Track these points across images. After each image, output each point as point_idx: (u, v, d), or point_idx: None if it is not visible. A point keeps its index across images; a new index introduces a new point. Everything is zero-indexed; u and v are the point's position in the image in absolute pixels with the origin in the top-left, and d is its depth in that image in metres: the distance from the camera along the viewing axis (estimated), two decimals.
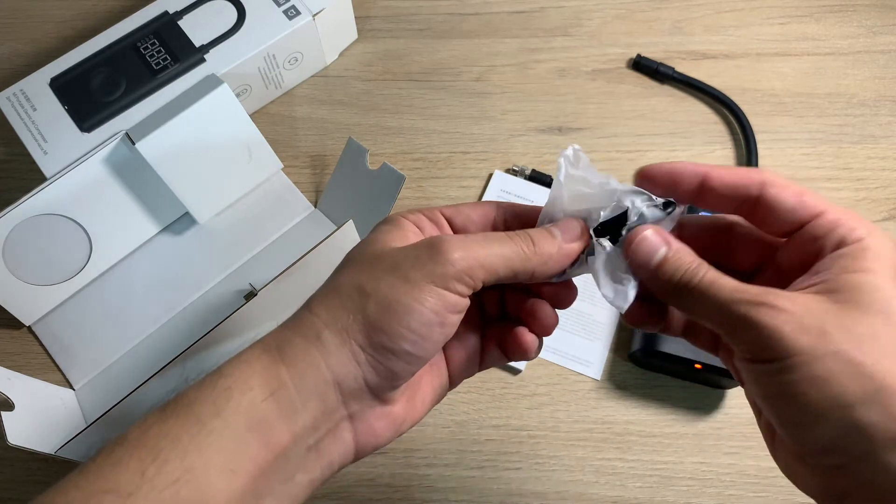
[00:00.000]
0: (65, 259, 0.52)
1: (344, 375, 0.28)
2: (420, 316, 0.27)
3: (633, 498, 0.47)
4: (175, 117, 0.50)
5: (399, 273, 0.28)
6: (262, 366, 0.28)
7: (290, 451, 0.27)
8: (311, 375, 0.27)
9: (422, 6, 0.64)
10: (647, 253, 0.28)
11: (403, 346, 0.27)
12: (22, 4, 0.65)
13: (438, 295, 0.27)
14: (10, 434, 0.41)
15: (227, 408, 0.26)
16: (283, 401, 0.27)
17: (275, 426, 0.27)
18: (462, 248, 0.28)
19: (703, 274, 0.27)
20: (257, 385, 0.27)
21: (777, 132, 0.57)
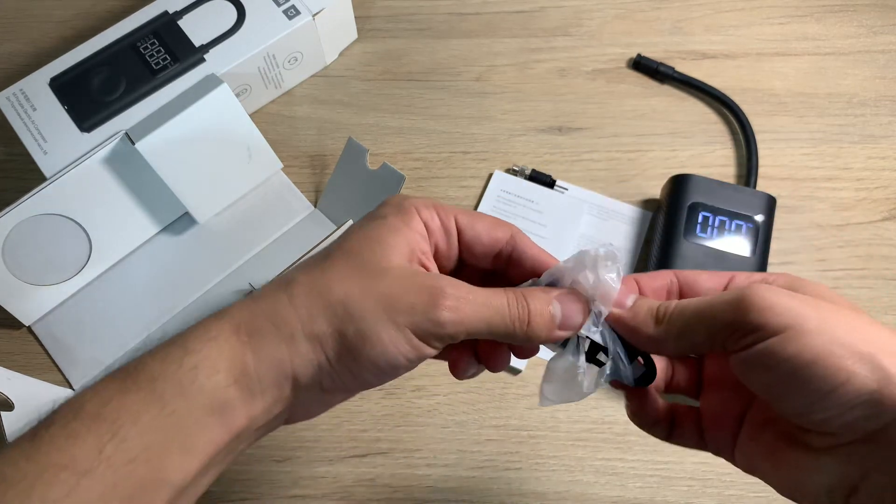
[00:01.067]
0: (65, 259, 0.52)
1: (303, 375, 0.28)
2: (391, 359, 0.28)
3: (633, 498, 0.47)
4: (175, 117, 0.50)
5: (388, 309, 0.27)
6: (230, 347, 0.28)
7: (243, 433, 0.28)
8: (274, 368, 0.28)
9: (422, 6, 0.64)
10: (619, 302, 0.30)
11: (365, 375, 0.28)
12: (22, 4, 0.65)
13: (415, 345, 0.28)
14: (10, 434, 0.41)
15: (192, 389, 0.26)
16: (244, 388, 0.27)
17: (235, 410, 0.27)
18: (455, 310, 0.27)
19: (674, 302, 0.29)
20: (224, 369, 0.27)
21: (777, 132, 0.57)
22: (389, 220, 0.30)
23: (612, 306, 0.29)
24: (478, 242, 0.31)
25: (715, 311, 0.27)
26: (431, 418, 0.49)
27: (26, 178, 0.56)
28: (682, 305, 0.28)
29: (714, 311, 0.27)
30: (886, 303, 0.52)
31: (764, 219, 0.50)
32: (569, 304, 0.29)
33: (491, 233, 0.31)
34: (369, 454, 0.48)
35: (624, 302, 0.29)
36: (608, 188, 0.56)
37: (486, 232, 0.31)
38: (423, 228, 0.30)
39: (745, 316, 0.25)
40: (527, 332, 0.29)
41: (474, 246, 0.31)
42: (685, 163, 0.57)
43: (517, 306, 0.29)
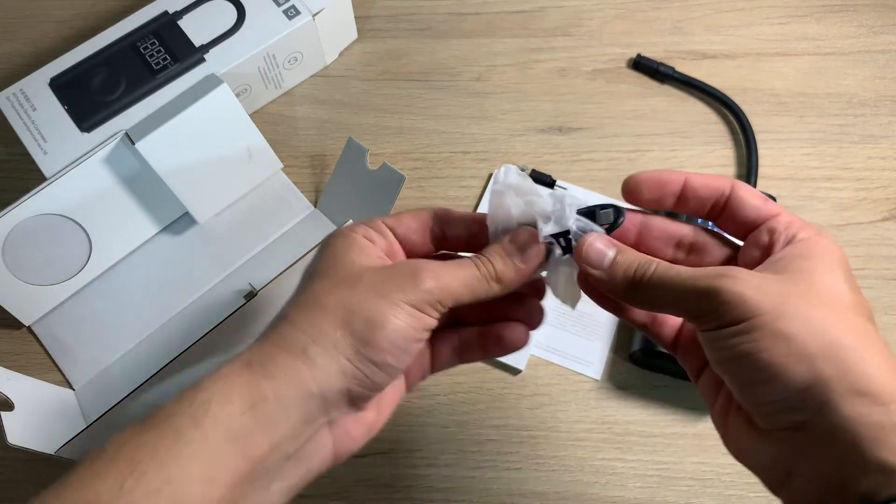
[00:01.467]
0: (65, 259, 0.52)
1: (329, 388, 0.29)
2: (402, 332, 0.29)
3: (633, 498, 0.47)
4: (175, 117, 0.50)
5: (382, 293, 0.30)
6: (243, 380, 0.28)
7: (268, 461, 0.28)
8: (294, 388, 0.28)
9: (422, 6, 0.64)
10: (598, 257, 0.31)
11: (387, 359, 0.29)
12: (22, 4, 0.65)
13: (416, 316, 0.30)
14: (10, 434, 0.41)
15: (206, 420, 0.27)
16: (262, 413, 0.28)
17: (253, 437, 0.27)
18: (436, 278, 0.30)
19: (655, 265, 0.29)
20: (237, 398, 0.28)
21: (777, 132, 0.57)
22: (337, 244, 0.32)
23: (588, 265, 0.31)
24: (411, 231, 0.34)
25: (687, 293, 0.28)
26: (431, 418, 0.49)
27: (26, 178, 0.56)
28: (658, 276, 0.29)
29: (686, 294, 0.28)
30: (886, 303, 0.52)
31: None
32: (521, 242, 0.32)
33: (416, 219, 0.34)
34: (369, 454, 0.48)
35: (601, 261, 0.31)
36: (608, 188, 0.56)
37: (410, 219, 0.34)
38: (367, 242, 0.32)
39: (709, 305, 0.27)
40: (500, 284, 0.31)
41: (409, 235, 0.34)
42: (685, 163, 0.57)
43: (483, 266, 0.31)
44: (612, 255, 0.30)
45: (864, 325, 0.27)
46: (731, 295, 0.26)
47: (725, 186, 0.31)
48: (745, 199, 0.31)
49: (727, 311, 0.26)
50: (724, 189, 0.31)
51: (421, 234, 0.34)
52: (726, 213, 0.31)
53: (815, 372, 0.25)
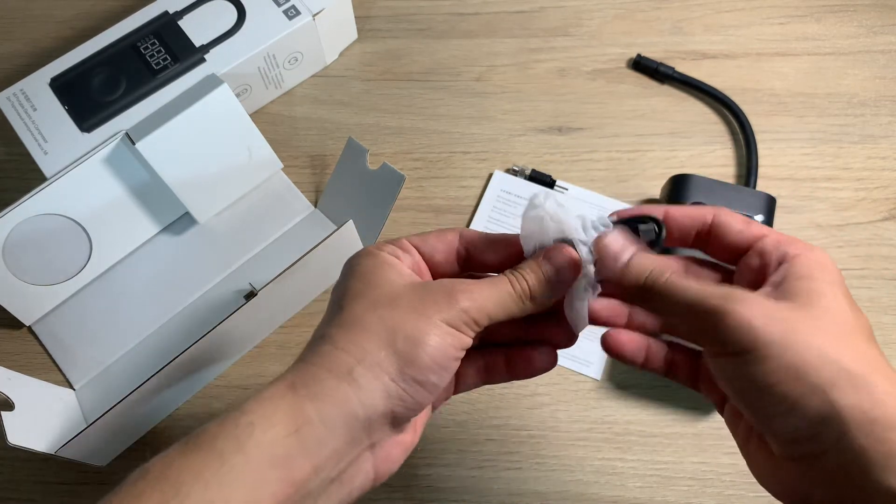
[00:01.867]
0: (65, 259, 0.52)
1: (374, 409, 0.29)
2: (443, 350, 0.29)
3: (633, 498, 0.47)
4: (175, 117, 0.50)
5: (421, 312, 0.30)
6: (287, 403, 0.28)
7: (311, 484, 0.28)
8: (340, 411, 0.28)
9: (422, 6, 0.64)
10: (614, 254, 0.31)
11: (431, 377, 0.29)
12: (22, 4, 0.65)
13: (454, 335, 0.30)
14: (10, 434, 0.41)
15: (249, 443, 0.27)
16: (307, 436, 0.28)
17: (297, 461, 0.27)
18: (472, 298, 0.30)
19: (669, 273, 0.29)
20: (280, 422, 0.27)
21: (777, 132, 0.57)
22: (367, 263, 0.32)
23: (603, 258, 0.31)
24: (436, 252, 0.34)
25: (694, 310, 0.28)
26: (431, 418, 0.49)
27: (27, 178, 0.56)
28: (669, 287, 0.29)
29: (693, 311, 0.28)
30: (886, 303, 0.52)
31: (764, 219, 0.50)
32: (556, 259, 0.32)
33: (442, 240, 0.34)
34: None
35: (617, 261, 0.31)
36: (608, 188, 0.56)
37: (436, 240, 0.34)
38: (395, 260, 0.32)
39: (715, 329, 0.27)
40: (533, 302, 0.32)
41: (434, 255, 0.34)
42: (685, 163, 0.57)
43: (517, 282, 0.32)
44: (628, 256, 0.31)
45: (868, 349, 0.27)
46: (740, 320, 0.26)
47: (707, 214, 0.31)
48: (728, 225, 0.31)
49: (734, 337, 0.26)
50: (706, 217, 0.31)
51: (446, 255, 0.34)
52: (712, 241, 0.32)
53: (829, 404, 0.25)
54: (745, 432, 0.30)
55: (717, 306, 0.27)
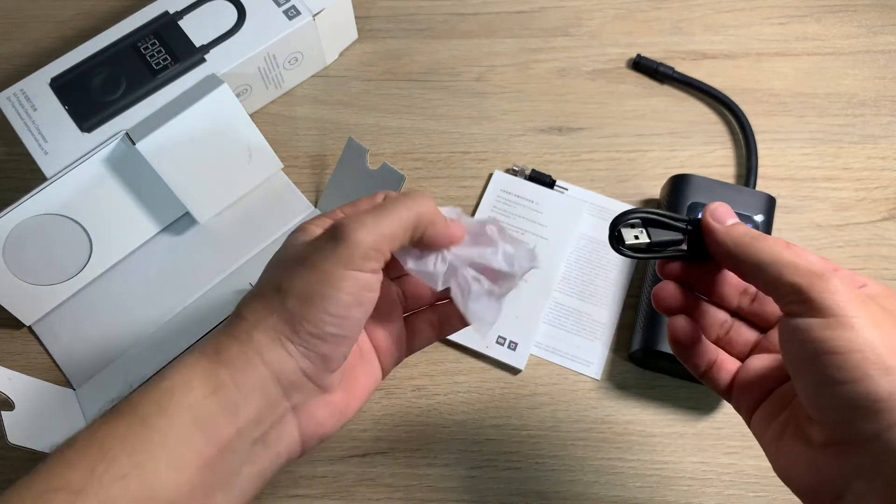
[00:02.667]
0: (65, 259, 0.52)
1: (281, 369, 0.29)
2: (337, 300, 0.29)
3: (633, 498, 0.47)
4: (175, 117, 0.50)
5: (308, 264, 0.30)
6: (202, 368, 0.29)
7: (235, 445, 0.29)
8: (249, 372, 0.29)
9: (422, 6, 0.64)
10: (723, 215, 0.33)
11: (327, 329, 0.29)
12: (22, 4, 0.65)
13: (351, 278, 0.29)
14: (10, 434, 0.41)
15: (171, 406, 0.28)
16: (224, 398, 0.28)
17: (218, 421, 0.28)
18: (362, 227, 0.29)
19: (773, 238, 0.31)
20: (198, 385, 0.28)
21: (777, 132, 0.57)
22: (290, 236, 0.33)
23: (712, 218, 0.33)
24: None
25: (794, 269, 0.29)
26: (431, 418, 0.49)
27: (27, 178, 0.56)
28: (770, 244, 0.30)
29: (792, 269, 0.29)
30: None
31: (764, 219, 0.50)
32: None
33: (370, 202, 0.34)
34: (369, 454, 0.48)
35: (725, 219, 0.32)
36: (608, 188, 0.56)
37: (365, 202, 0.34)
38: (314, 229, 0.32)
39: (810, 288, 0.28)
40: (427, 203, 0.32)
41: None
42: (685, 163, 0.57)
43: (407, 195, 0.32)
44: (735, 221, 0.32)
45: None
46: (837, 287, 0.27)
47: None
48: None
49: (827, 300, 0.27)
50: None
51: None
52: None
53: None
54: (777, 428, 0.31)
55: (819, 269, 0.28)
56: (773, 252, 0.30)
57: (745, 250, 0.31)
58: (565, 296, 0.52)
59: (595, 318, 0.52)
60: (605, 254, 0.54)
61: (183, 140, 0.51)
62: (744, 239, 0.31)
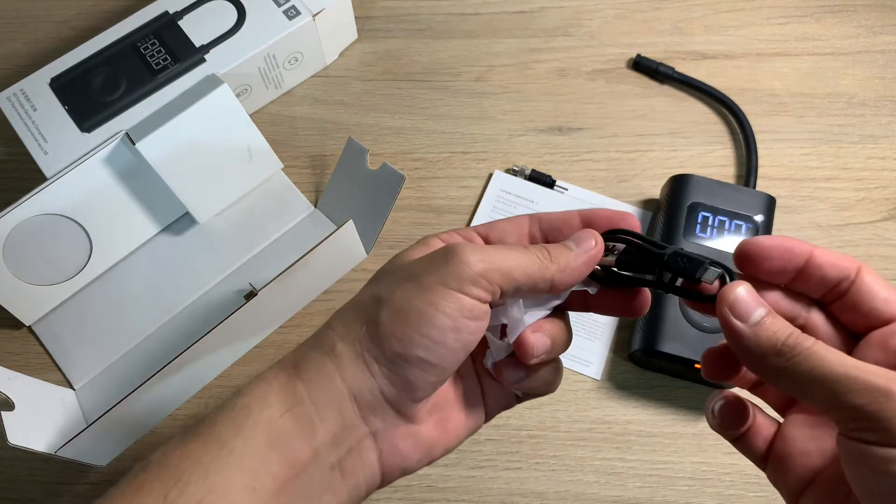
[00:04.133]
0: (65, 259, 0.52)
1: (359, 387, 0.27)
2: (432, 319, 0.26)
3: (633, 498, 0.47)
4: (175, 117, 0.50)
5: (414, 279, 0.27)
6: (280, 382, 0.28)
7: (311, 468, 0.27)
8: (326, 389, 0.27)
9: (422, 6, 0.64)
10: (745, 309, 0.26)
11: (416, 352, 0.26)
12: (22, 4, 0.65)
13: (453, 298, 0.26)
14: (10, 434, 0.41)
15: (246, 426, 0.26)
16: (300, 416, 0.27)
17: (294, 442, 0.26)
18: (478, 253, 0.27)
19: (811, 341, 0.24)
20: (275, 401, 0.27)
21: (777, 132, 0.57)
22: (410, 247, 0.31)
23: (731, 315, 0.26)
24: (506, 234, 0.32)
25: (850, 387, 0.23)
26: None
27: (27, 178, 0.56)
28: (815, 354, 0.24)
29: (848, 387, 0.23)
30: None
31: (764, 219, 0.50)
32: (580, 234, 0.30)
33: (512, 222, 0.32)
34: None
35: (749, 315, 0.26)
36: (608, 188, 0.56)
37: (506, 223, 0.32)
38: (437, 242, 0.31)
39: (879, 412, 0.22)
40: (557, 263, 0.28)
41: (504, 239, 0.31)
42: (685, 163, 0.57)
43: (537, 248, 0.29)
44: (763, 313, 0.25)
45: None
46: None
47: (852, 268, 0.27)
48: (874, 290, 0.26)
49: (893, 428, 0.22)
50: (850, 271, 0.27)
51: (517, 239, 0.31)
52: (848, 299, 0.27)
53: None
54: None
55: (885, 387, 0.22)
56: (815, 365, 0.24)
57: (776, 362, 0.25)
58: None
59: (595, 318, 0.52)
60: None
61: (183, 140, 0.51)
62: (775, 347, 0.25)
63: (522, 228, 0.32)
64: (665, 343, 0.47)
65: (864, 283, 0.26)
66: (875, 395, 0.22)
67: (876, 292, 0.26)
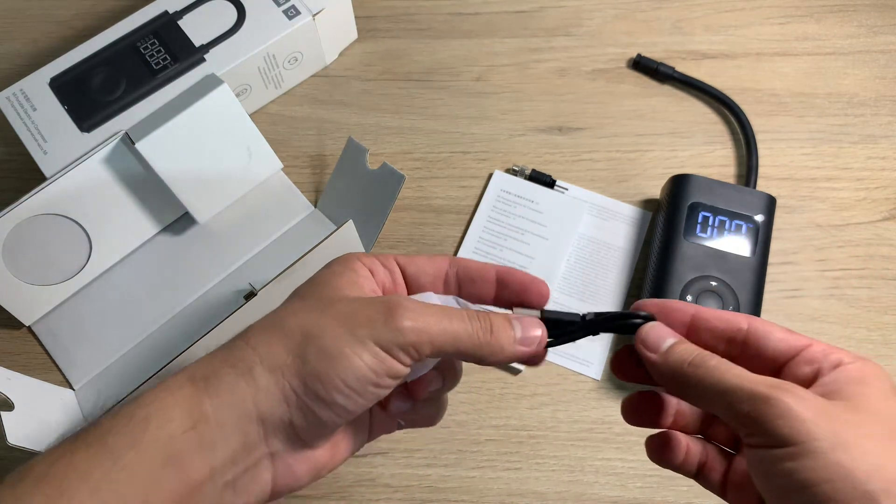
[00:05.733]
0: (65, 259, 0.52)
1: (270, 414, 0.27)
2: (358, 372, 0.27)
3: (632, 498, 0.47)
4: (175, 117, 0.50)
5: (348, 325, 0.27)
6: (184, 396, 0.27)
7: (207, 486, 0.26)
8: (235, 409, 0.27)
9: (422, 6, 0.64)
10: (655, 341, 0.29)
11: (337, 398, 0.27)
12: (22, 4, 0.65)
13: (381, 358, 0.27)
14: (10, 434, 0.41)
15: (144, 440, 0.25)
16: (203, 434, 0.26)
17: (192, 460, 0.26)
18: (415, 319, 0.27)
19: (714, 360, 0.27)
20: (178, 416, 0.26)
21: (777, 132, 0.57)
22: (333, 269, 0.30)
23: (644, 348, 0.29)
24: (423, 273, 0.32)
25: (739, 396, 0.26)
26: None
27: (26, 178, 0.56)
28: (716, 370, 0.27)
29: (738, 397, 0.26)
30: (886, 303, 0.52)
31: (764, 219, 0.50)
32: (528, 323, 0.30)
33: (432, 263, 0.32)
34: (369, 454, 0.48)
35: (659, 345, 0.29)
36: (608, 188, 0.56)
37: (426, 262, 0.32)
38: (368, 273, 0.31)
39: (760, 417, 0.25)
40: (491, 340, 0.29)
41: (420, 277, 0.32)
42: (685, 163, 0.57)
43: (479, 320, 0.29)
44: (671, 342, 0.29)
45: None
46: (788, 410, 0.24)
47: (741, 321, 0.29)
48: (769, 333, 0.29)
49: (781, 427, 0.24)
50: (740, 324, 0.29)
51: (433, 279, 0.32)
52: (750, 349, 0.29)
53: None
54: None
55: (765, 393, 0.25)
56: (715, 379, 0.26)
57: (686, 381, 0.27)
58: (565, 296, 0.52)
59: None
60: (605, 254, 0.54)
61: (183, 140, 0.51)
62: (681, 368, 0.28)
63: (440, 270, 0.32)
64: None
65: (756, 330, 0.29)
66: (757, 401, 0.25)
67: (772, 335, 0.29)
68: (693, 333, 0.30)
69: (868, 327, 0.51)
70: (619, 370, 0.33)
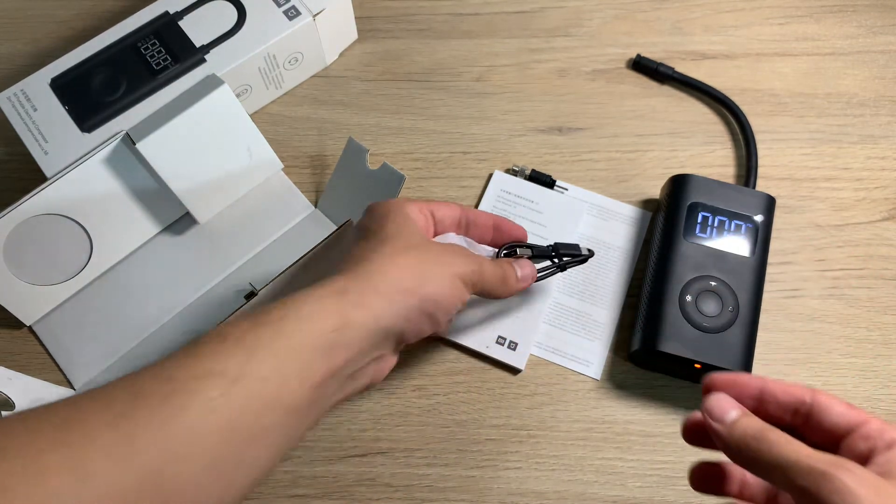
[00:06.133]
0: (65, 259, 0.52)
1: (392, 325, 0.36)
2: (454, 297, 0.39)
3: (633, 498, 0.47)
4: (175, 117, 0.50)
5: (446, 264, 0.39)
6: (335, 304, 0.35)
7: (339, 373, 0.34)
8: (373, 322, 0.35)
9: (422, 6, 0.64)
10: (720, 412, 0.31)
11: (438, 314, 0.38)
12: (22, 4, 0.65)
13: (462, 290, 0.40)
14: None
15: (307, 329, 0.34)
16: (346, 335, 0.34)
17: (336, 352, 0.34)
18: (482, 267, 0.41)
19: (776, 435, 0.29)
20: (330, 318, 0.34)
21: (777, 132, 0.57)
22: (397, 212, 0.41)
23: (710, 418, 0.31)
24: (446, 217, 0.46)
25: (798, 471, 0.27)
26: (431, 418, 0.49)
27: (27, 179, 0.56)
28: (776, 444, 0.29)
29: (797, 471, 0.27)
30: (886, 303, 0.52)
31: (763, 219, 0.51)
32: (524, 265, 0.45)
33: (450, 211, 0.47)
34: (369, 454, 0.48)
35: (724, 417, 0.31)
36: (608, 188, 0.56)
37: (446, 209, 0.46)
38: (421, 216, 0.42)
39: (818, 492, 0.26)
40: (504, 288, 0.43)
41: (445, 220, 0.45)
42: (685, 163, 0.57)
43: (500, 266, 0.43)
44: (736, 415, 0.31)
45: None
46: (843, 486, 0.26)
47: (806, 394, 0.31)
48: (830, 407, 0.31)
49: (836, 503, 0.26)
50: (805, 396, 0.31)
51: (452, 224, 0.44)
52: (813, 421, 0.31)
53: None
54: None
55: (823, 469, 0.26)
56: (776, 453, 0.28)
57: (748, 453, 0.29)
58: (565, 296, 0.52)
59: (595, 318, 0.52)
60: (605, 254, 0.54)
61: (183, 140, 0.51)
62: (745, 441, 0.30)
63: (455, 216, 0.45)
64: (665, 343, 0.47)
65: (819, 404, 0.31)
66: (815, 476, 0.27)
67: (833, 409, 0.31)
68: (761, 405, 0.32)
69: (868, 327, 0.51)
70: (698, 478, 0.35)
